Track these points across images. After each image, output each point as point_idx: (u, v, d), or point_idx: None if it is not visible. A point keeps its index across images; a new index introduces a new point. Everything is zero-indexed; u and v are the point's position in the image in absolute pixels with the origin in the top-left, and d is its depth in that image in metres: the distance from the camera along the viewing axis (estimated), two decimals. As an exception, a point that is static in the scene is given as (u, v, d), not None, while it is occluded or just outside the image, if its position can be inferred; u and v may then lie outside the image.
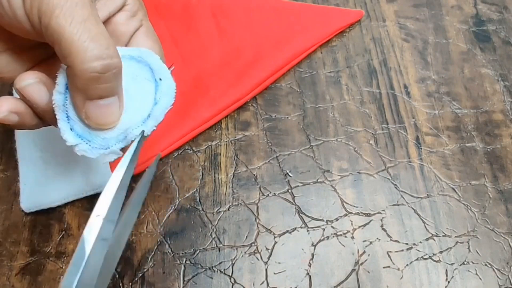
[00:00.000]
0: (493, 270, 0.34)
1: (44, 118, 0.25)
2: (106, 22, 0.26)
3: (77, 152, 0.24)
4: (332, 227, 0.35)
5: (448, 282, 0.33)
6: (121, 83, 0.24)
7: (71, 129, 0.24)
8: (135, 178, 0.37)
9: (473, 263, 0.34)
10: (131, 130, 0.25)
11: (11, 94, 0.39)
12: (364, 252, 0.34)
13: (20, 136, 0.37)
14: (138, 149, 0.25)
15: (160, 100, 0.25)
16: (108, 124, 0.24)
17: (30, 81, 0.24)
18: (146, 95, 0.25)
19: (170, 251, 0.34)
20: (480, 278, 0.34)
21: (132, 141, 0.25)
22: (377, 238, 0.35)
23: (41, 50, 0.26)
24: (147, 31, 0.28)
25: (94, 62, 0.21)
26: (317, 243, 0.35)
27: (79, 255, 0.22)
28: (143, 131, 0.25)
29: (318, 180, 0.37)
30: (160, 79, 0.26)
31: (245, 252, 0.34)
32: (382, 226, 0.35)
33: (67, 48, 0.21)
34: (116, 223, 0.24)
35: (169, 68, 0.26)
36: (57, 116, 0.24)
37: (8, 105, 0.24)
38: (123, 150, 0.25)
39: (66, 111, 0.24)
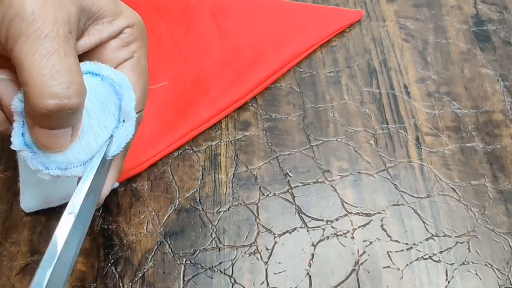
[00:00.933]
0: (493, 270, 0.34)
1: (10, 118, 0.25)
2: (98, 46, 0.25)
3: (20, 156, 0.23)
4: (332, 227, 0.35)
5: (448, 282, 0.33)
6: (78, 119, 0.23)
7: (22, 135, 0.23)
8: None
9: (473, 263, 0.34)
10: (72, 166, 0.24)
11: None
12: (364, 252, 0.34)
13: (20, 136, 0.37)
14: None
15: (113, 143, 0.25)
16: (54, 149, 0.23)
17: (2, 77, 0.23)
18: (103, 130, 0.25)
19: (170, 251, 0.34)
20: (480, 278, 0.34)
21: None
22: (377, 238, 0.35)
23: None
24: (135, 64, 0.26)
25: (48, 100, 0.20)
26: (317, 243, 0.35)
27: (51, 251, 0.22)
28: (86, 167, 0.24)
29: (318, 180, 0.37)
30: (123, 120, 0.25)
31: (245, 252, 0.34)
32: (382, 226, 0.35)
33: (25, 78, 0.20)
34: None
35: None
36: (14, 119, 0.23)
37: None
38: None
39: (23, 118, 0.23)
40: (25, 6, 0.20)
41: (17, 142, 0.23)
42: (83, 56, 0.25)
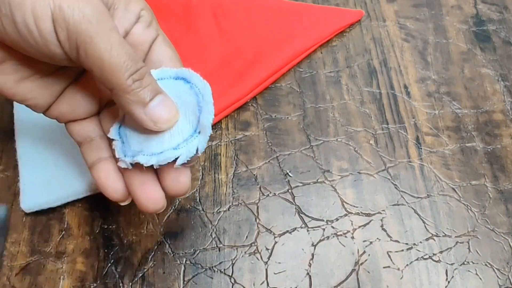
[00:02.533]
0: (493, 270, 0.34)
1: None
2: (126, 35, 0.27)
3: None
4: (332, 227, 0.35)
5: (448, 282, 0.33)
6: (156, 83, 0.26)
7: (118, 127, 0.26)
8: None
9: (473, 263, 0.34)
10: (146, 155, 0.26)
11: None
12: (364, 252, 0.34)
13: (20, 136, 0.37)
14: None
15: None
16: (171, 118, 0.25)
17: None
18: (179, 134, 0.26)
19: (170, 251, 0.34)
20: (480, 278, 0.34)
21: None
22: (377, 238, 0.35)
23: (62, 74, 0.27)
24: (164, 40, 0.28)
25: (134, 75, 0.24)
26: (317, 243, 0.35)
27: None
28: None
29: (318, 180, 0.37)
30: (199, 132, 0.26)
31: (245, 252, 0.34)
32: (382, 226, 0.35)
33: (109, 69, 0.23)
34: None
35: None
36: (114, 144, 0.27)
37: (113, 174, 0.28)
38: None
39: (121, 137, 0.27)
40: (85, 10, 0.22)
41: (113, 132, 0.26)
42: None
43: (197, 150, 0.25)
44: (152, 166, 0.25)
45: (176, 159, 0.25)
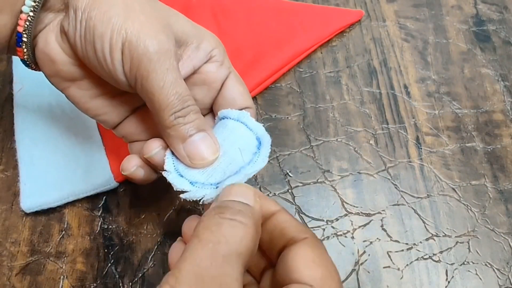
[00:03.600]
0: (493, 270, 0.34)
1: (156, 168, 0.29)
2: (195, 72, 0.29)
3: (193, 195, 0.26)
4: (332, 227, 0.35)
5: (448, 282, 0.33)
6: (204, 121, 0.27)
7: (172, 163, 0.27)
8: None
9: (473, 263, 0.34)
10: (202, 186, 0.26)
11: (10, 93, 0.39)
12: (364, 252, 0.34)
13: (20, 136, 0.37)
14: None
15: (257, 161, 0.27)
16: (208, 157, 0.27)
17: (156, 150, 0.28)
18: (229, 168, 0.27)
19: (170, 251, 0.34)
20: (480, 278, 0.34)
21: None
22: (377, 238, 0.35)
23: (131, 98, 0.30)
24: (236, 77, 0.30)
25: (177, 113, 0.26)
26: (317, 243, 0.35)
27: None
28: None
29: (318, 180, 0.37)
30: (260, 144, 0.28)
31: (245, 252, 0.34)
32: (382, 226, 0.35)
33: (157, 104, 0.25)
34: None
35: None
36: (165, 157, 0.28)
37: (135, 161, 0.29)
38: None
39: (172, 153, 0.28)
40: (150, 47, 0.25)
41: (168, 166, 0.27)
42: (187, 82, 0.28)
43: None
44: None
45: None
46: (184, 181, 0.26)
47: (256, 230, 0.22)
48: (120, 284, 0.33)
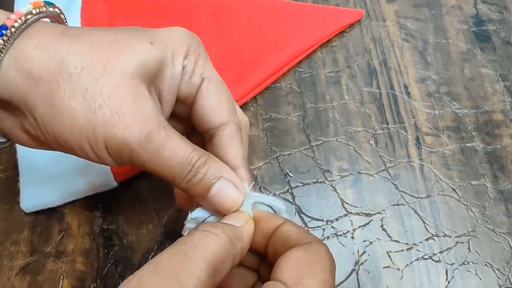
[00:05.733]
0: (493, 270, 0.34)
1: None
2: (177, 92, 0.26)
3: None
4: (332, 227, 0.35)
5: (448, 282, 0.33)
6: (216, 164, 0.25)
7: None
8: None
9: (473, 263, 0.34)
10: None
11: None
12: (364, 252, 0.34)
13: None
14: None
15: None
16: (235, 200, 0.25)
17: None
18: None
19: (170, 251, 0.34)
20: (480, 278, 0.34)
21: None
22: (377, 238, 0.35)
23: None
24: (209, 84, 0.27)
25: (187, 177, 0.24)
26: (317, 243, 0.35)
27: None
28: None
29: (318, 180, 0.37)
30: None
31: (245, 252, 0.34)
32: (382, 226, 0.35)
33: (165, 177, 0.24)
34: None
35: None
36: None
37: None
38: None
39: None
40: (133, 144, 0.23)
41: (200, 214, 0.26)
42: (178, 104, 0.27)
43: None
44: None
45: None
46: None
47: (230, 242, 0.22)
48: (120, 284, 0.33)
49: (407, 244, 0.35)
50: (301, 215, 0.36)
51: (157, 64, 0.25)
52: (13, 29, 0.22)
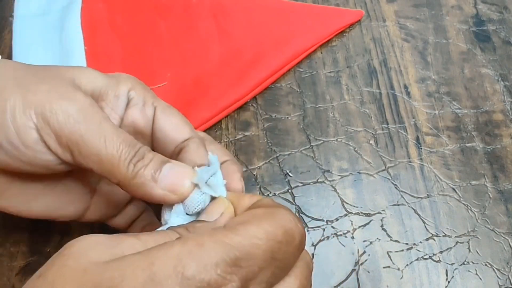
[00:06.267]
0: (493, 270, 0.34)
1: None
2: (122, 123, 0.26)
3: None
4: (332, 227, 0.35)
5: (448, 282, 0.33)
6: (161, 156, 0.24)
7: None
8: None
9: (473, 263, 0.34)
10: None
11: None
12: (364, 252, 0.34)
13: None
14: None
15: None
16: (188, 181, 0.23)
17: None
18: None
19: (170, 251, 0.34)
20: (480, 278, 0.34)
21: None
22: (377, 238, 0.35)
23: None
24: (165, 111, 0.27)
25: (133, 159, 0.22)
26: (317, 243, 0.35)
27: None
28: None
29: (318, 180, 0.37)
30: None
31: (245, 252, 0.34)
32: (382, 226, 0.35)
33: (108, 162, 0.22)
34: None
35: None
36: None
37: None
38: None
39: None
40: (70, 110, 0.22)
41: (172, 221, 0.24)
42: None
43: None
44: None
45: None
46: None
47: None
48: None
49: (407, 244, 0.35)
50: (301, 215, 0.36)
51: (98, 88, 0.24)
52: None
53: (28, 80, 0.22)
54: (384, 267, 0.34)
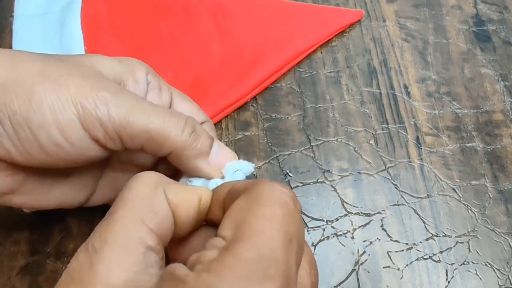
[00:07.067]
0: (493, 270, 0.34)
1: None
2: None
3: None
4: (332, 227, 0.35)
5: (448, 282, 0.33)
6: (205, 132, 0.25)
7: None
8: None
9: (473, 263, 0.34)
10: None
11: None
12: (364, 252, 0.34)
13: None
14: None
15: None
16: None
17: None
18: None
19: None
20: (480, 278, 0.34)
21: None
22: (377, 238, 0.35)
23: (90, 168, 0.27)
24: (180, 96, 0.28)
25: (185, 128, 0.23)
26: (317, 243, 0.35)
27: None
28: None
29: (318, 180, 0.37)
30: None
31: (245, 252, 0.34)
32: (382, 226, 0.35)
33: (160, 137, 0.22)
34: None
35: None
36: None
37: None
38: None
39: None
40: (107, 98, 0.22)
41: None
42: None
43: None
44: None
45: None
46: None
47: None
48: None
49: (407, 244, 0.35)
50: (301, 215, 0.36)
51: (118, 74, 0.25)
52: None
53: (53, 73, 0.21)
54: (384, 267, 0.34)
